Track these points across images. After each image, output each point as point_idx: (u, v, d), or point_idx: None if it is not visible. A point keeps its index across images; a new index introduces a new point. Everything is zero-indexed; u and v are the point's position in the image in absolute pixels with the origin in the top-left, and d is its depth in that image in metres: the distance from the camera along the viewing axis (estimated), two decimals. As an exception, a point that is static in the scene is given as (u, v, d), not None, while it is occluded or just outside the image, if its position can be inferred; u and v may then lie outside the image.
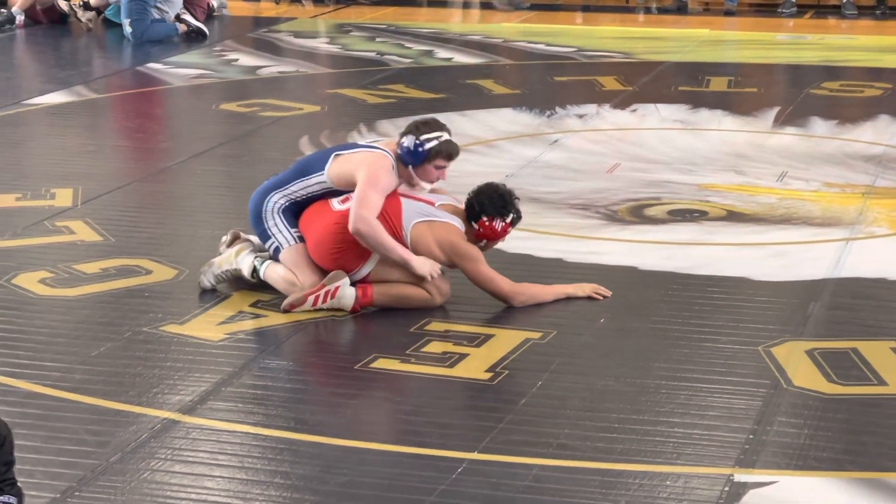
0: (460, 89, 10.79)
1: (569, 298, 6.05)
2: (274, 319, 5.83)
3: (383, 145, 6.11)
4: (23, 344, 5.55)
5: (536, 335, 5.66)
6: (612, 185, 7.96)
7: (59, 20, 13.82)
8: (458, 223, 6.00)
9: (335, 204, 6.01)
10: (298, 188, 6.08)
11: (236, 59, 12.17)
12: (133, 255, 6.61)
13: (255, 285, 6.11)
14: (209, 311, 5.93)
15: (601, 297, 6.06)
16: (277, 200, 6.09)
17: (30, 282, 6.24)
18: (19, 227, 7.05)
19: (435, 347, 5.54)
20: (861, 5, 14.91)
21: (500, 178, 7.80)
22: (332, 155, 6.09)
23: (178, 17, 13.18)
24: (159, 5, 13.13)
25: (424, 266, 5.88)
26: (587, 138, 9.21)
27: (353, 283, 5.92)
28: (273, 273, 6.06)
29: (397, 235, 5.91)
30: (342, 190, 6.02)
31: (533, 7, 15.37)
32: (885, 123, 9.57)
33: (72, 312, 5.93)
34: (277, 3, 15.64)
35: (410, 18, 14.63)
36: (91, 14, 13.57)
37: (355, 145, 6.21)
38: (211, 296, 6.09)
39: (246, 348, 5.56)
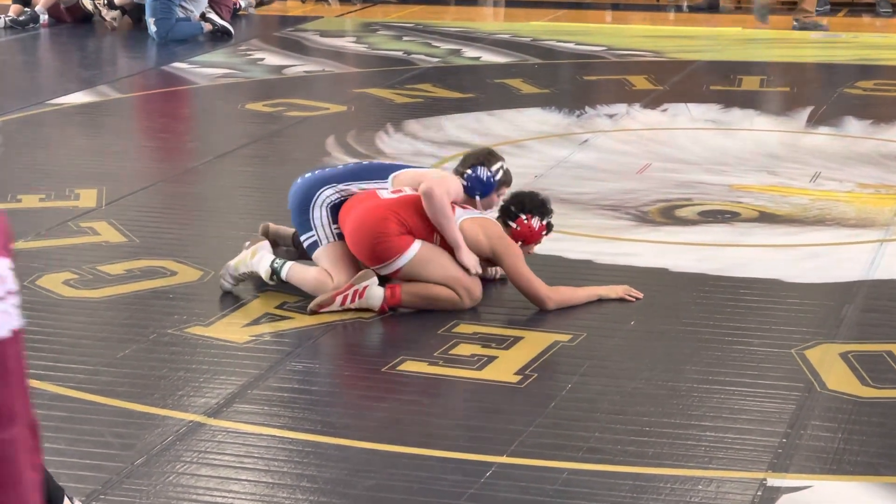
0: (488, 89, 10.79)
1: (600, 300, 6.05)
2: (300, 321, 5.85)
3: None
4: (47, 346, 5.57)
5: (566, 337, 5.66)
6: (643, 186, 7.95)
7: (83, 19, 13.88)
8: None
9: (384, 193, 6.04)
10: (354, 188, 6.11)
11: (262, 59, 12.19)
12: (158, 257, 6.63)
13: (281, 287, 6.11)
14: (234, 312, 5.95)
15: (633, 299, 6.05)
16: (329, 195, 6.09)
17: (54, 283, 6.26)
18: (43, 229, 7.08)
19: (463, 350, 5.54)
20: (896, 3, 14.86)
21: (529, 179, 7.80)
22: (399, 170, 6.17)
23: (203, 16, 13.23)
24: (184, 4, 13.17)
25: (470, 258, 5.92)
26: (617, 138, 9.20)
27: (381, 283, 5.93)
28: (299, 273, 6.06)
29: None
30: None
31: (561, 5, 15.36)
32: (920, 123, 9.53)
33: (96, 314, 5.96)
34: (303, 2, 15.67)
35: (438, 17, 14.64)
36: (116, 13, 13.62)
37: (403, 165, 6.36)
38: (236, 298, 6.10)
39: (272, 350, 5.57)
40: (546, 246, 6.33)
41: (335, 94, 10.72)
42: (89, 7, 13.80)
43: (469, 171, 6.10)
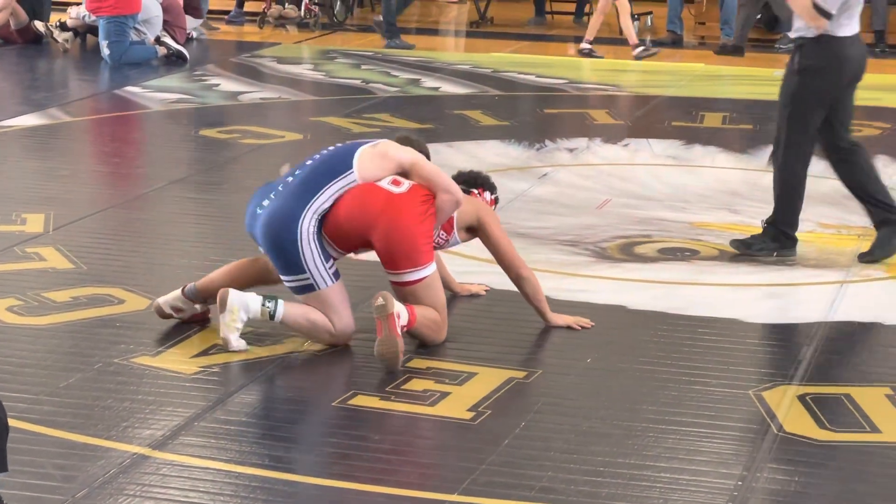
0: (447, 120, 10.82)
1: (554, 334, 6.06)
2: (250, 353, 5.82)
3: None
4: (-11, 373, 5.52)
5: (521, 374, 5.66)
6: (602, 222, 7.98)
7: (34, 40, 13.84)
8: None
9: (390, 186, 5.91)
10: (327, 203, 5.85)
11: (217, 84, 12.19)
12: (105, 284, 6.60)
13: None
14: (183, 343, 5.92)
15: (579, 328, 6.09)
16: (311, 223, 5.81)
17: (-2, 309, 6.22)
18: (-12, 253, 7.04)
19: (416, 385, 5.53)
20: (860, 42, 14.98)
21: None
22: (356, 153, 5.93)
23: (157, 40, 13.21)
24: (138, 27, 13.16)
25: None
26: (577, 173, 9.23)
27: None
28: (295, 318, 5.84)
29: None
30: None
31: (523, 37, 15.44)
32: (882, 164, 9.59)
33: (40, 342, 5.92)
34: (261, 28, 15.68)
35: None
36: (68, 35, 13.59)
37: (358, 143, 6.08)
38: (185, 327, 6.07)
39: (220, 382, 5.54)
40: (503, 280, 6.33)
41: (291, 122, 10.72)
42: (41, 28, 13.76)
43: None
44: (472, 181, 6.43)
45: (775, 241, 7.36)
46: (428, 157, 6.17)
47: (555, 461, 4.87)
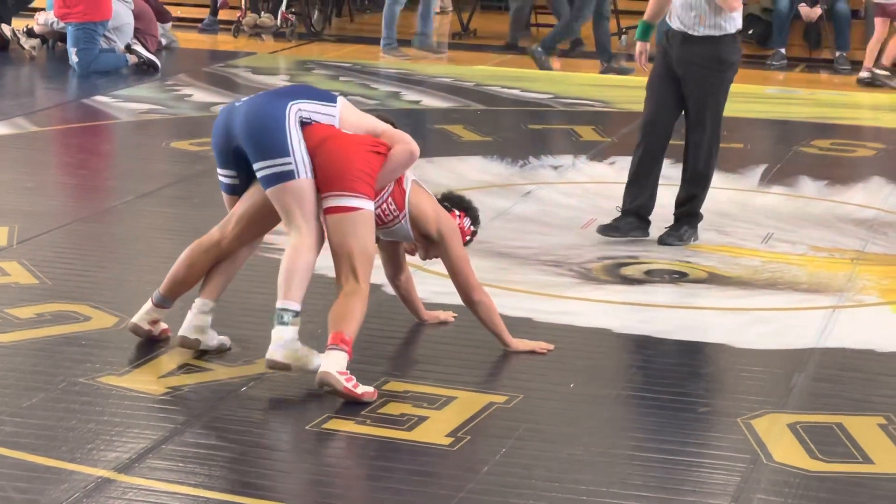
0: (428, 135, 10.83)
1: (536, 358, 6.07)
2: (220, 374, 5.82)
3: None
4: (-52, 392, 5.51)
5: (501, 399, 5.67)
6: (587, 242, 8.00)
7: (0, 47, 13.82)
8: None
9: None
10: (312, 109, 5.83)
11: (190, 95, 12.19)
12: (71, 301, 6.59)
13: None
14: (151, 362, 5.92)
15: (544, 351, 6.09)
16: (297, 114, 5.79)
17: (-42, 325, 6.21)
18: (-51, 267, 7.02)
19: (393, 409, 5.53)
20: (855, 60, 15.06)
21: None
22: (339, 98, 5.97)
23: (128, 48, 13.21)
24: (108, 34, 13.15)
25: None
26: (562, 191, 9.25)
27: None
28: (297, 281, 5.72)
29: (399, 182, 6.01)
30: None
31: (507, 50, 15.46)
32: (877, 185, 9.66)
33: (2, 360, 5.90)
34: (235, 37, 15.70)
35: (377, 57, 14.70)
36: (35, 41, 13.58)
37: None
38: (153, 346, 6.07)
39: (189, 404, 5.54)
40: (483, 302, 6.34)
41: (266, 135, 10.69)
42: (7, 33, 13.75)
43: None
44: (458, 204, 6.33)
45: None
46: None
47: (536, 489, 4.88)
